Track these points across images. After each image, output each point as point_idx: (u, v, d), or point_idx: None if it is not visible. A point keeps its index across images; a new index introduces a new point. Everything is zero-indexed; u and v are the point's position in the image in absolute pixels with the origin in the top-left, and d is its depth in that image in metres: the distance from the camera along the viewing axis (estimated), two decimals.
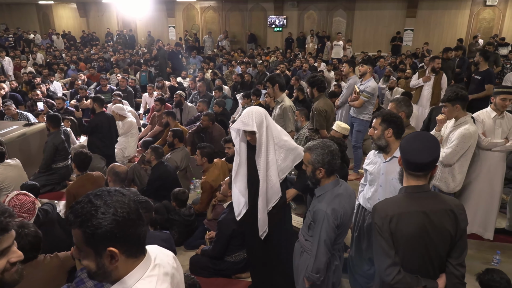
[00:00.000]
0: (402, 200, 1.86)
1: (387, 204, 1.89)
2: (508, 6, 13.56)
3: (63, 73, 10.58)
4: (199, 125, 5.75)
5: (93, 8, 19.09)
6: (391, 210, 1.82)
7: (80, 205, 1.11)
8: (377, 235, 1.85)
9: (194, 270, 3.39)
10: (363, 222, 2.74)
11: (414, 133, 1.95)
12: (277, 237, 2.81)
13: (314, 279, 2.29)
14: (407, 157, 1.83)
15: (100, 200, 1.11)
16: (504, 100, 3.58)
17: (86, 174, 3.85)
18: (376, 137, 2.55)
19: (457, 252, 1.84)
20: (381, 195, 2.58)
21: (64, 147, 5.17)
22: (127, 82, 8.51)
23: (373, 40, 15.18)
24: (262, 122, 2.53)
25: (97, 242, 1.10)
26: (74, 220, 1.10)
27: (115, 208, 1.11)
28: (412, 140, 1.85)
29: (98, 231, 1.08)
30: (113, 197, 1.13)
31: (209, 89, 8.62)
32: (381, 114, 2.56)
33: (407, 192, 1.86)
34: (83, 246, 1.12)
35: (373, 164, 2.66)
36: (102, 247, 1.10)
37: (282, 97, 4.26)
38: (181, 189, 3.98)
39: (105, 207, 1.10)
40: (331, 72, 9.77)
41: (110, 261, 1.12)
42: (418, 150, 1.80)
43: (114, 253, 1.11)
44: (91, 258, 1.12)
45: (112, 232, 1.09)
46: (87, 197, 1.13)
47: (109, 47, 15.40)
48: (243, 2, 16.73)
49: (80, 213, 1.10)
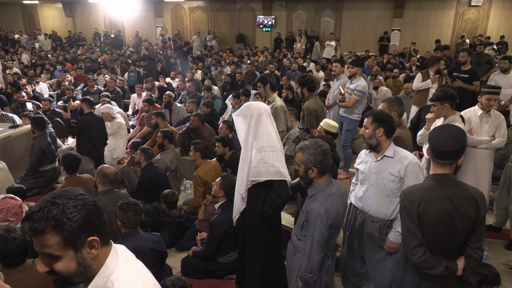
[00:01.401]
0: (429, 186, 2.01)
1: (416, 189, 2.03)
2: (492, 6, 13.83)
3: (49, 74, 10.40)
4: (189, 125, 5.71)
5: (79, 8, 18.83)
6: (419, 195, 1.97)
7: (43, 210, 1.07)
8: (406, 217, 1.99)
9: (185, 272, 3.36)
10: (355, 221, 2.75)
11: (442, 125, 2.11)
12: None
13: (308, 279, 2.29)
14: (435, 145, 1.98)
15: (63, 198, 1.10)
16: (489, 100, 3.65)
17: (75, 177, 3.79)
18: (367, 136, 2.57)
19: (477, 237, 1.98)
20: (372, 194, 2.59)
21: (51, 150, 5.07)
22: (115, 82, 8.41)
23: (361, 40, 15.31)
24: (252, 116, 2.63)
25: (76, 237, 1.09)
26: (45, 225, 1.05)
27: (83, 200, 1.12)
28: (440, 131, 2.01)
29: (76, 224, 1.08)
30: (74, 192, 1.14)
31: (199, 89, 8.58)
32: (372, 114, 2.58)
33: (434, 180, 2.00)
34: (60, 249, 1.08)
35: (365, 163, 2.67)
36: (81, 241, 1.10)
37: (274, 97, 4.26)
38: (170, 191, 3.95)
39: (73, 201, 1.10)
40: (320, 72, 9.83)
41: (89, 252, 1.13)
42: (445, 139, 1.96)
43: (95, 241, 1.12)
44: (69, 258, 1.10)
45: (90, 221, 1.11)
46: (47, 201, 1.09)
47: (96, 48, 15.20)
48: (232, 2, 16.71)
49: (50, 216, 1.06)
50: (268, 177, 2.61)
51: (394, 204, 2.53)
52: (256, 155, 2.63)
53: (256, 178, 2.63)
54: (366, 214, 2.65)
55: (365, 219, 2.66)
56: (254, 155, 2.64)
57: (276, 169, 2.62)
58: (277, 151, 2.65)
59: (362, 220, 2.68)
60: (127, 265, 1.22)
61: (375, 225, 2.61)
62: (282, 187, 2.69)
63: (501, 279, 2.72)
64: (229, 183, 3.32)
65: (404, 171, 2.45)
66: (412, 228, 1.98)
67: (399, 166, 2.47)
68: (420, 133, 3.70)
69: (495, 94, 3.67)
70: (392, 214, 2.56)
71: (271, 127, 2.69)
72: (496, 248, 3.77)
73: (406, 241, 2.02)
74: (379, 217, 2.59)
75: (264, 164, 2.61)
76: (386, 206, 2.55)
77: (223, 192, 3.35)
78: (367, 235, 2.66)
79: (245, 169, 2.63)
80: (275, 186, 2.64)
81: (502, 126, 3.67)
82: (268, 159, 2.61)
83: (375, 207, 2.59)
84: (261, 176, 2.62)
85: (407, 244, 2.01)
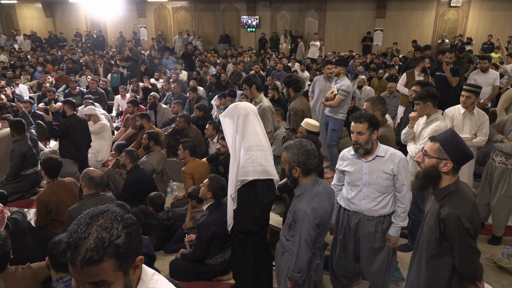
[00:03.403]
0: (466, 195, 1.97)
1: (461, 205, 1.92)
2: (471, 7, 14.20)
3: (29, 76, 10.15)
4: (175, 127, 5.67)
5: (60, 8, 18.43)
6: (469, 210, 1.91)
7: (94, 236, 0.98)
8: (469, 238, 1.89)
9: (174, 275, 3.33)
10: (348, 223, 2.72)
11: (452, 131, 2.07)
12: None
13: (296, 279, 2.30)
14: (468, 151, 1.96)
15: (108, 220, 1.02)
16: (462, 97, 3.75)
17: (57, 181, 3.71)
18: (363, 141, 2.53)
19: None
20: (365, 194, 2.60)
21: (32, 153, 4.94)
22: (97, 84, 8.27)
23: (345, 40, 15.49)
24: (239, 117, 2.63)
25: (128, 261, 1.02)
26: (103, 253, 0.97)
27: (128, 219, 1.05)
28: (459, 136, 2.00)
29: (131, 246, 1.01)
30: (115, 212, 1.06)
31: (184, 90, 8.52)
32: (366, 119, 2.52)
33: (463, 188, 1.98)
34: (112, 276, 1.00)
35: (352, 165, 2.64)
36: (131, 262, 1.04)
37: (260, 98, 4.26)
38: (157, 193, 3.91)
39: (122, 223, 1.02)
40: (305, 72, 9.89)
41: (133, 273, 1.07)
42: (467, 146, 1.97)
43: (140, 260, 1.07)
44: (118, 282, 1.03)
45: (139, 241, 1.05)
46: (91, 225, 0.99)
47: (77, 49, 14.92)
48: (216, 3, 16.65)
49: (106, 242, 0.97)
50: (255, 176, 2.61)
51: (387, 199, 2.59)
52: (244, 155, 2.63)
53: (244, 178, 2.63)
54: (360, 215, 2.65)
55: (360, 220, 2.66)
56: (243, 155, 2.64)
57: (264, 168, 2.62)
58: (264, 150, 2.66)
59: (357, 221, 2.67)
60: (157, 282, 1.17)
61: (371, 224, 2.63)
62: (267, 187, 2.69)
63: (484, 273, 2.79)
64: (217, 184, 3.31)
65: (397, 168, 2.51)
66: (474, 246, 1.92)
67: (391, 164, 2.52)
68: (404, 132, 3.76)
69: (471, 92, 3.74)
70: (386, 210, 2.61)
71: (258, 126, 2.69)
72: (479, 243, 3.85)
73: (471, 261, 1.93)
74: (374, 215, 2.62)
75: (252, 164, 2.61)
76: (381, 204, 2.60)
77: (211, 194, 3.33)
78: (364, 234, 2.66)
79: (234, 169, 2.63)
80: (258, 187, 2.64)
81: (484, 125, 3.75)
82: (255, 158, 2.62)
83: (370, 207, 2.60)
84: (248, 175, 2.62)
85: (473, 263, 1.94)
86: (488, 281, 2.90)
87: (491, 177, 3.87)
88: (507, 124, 3.77)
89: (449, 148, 1.94)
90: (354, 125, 2.56)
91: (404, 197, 2.57)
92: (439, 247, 2.01)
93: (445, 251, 2.00)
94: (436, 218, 1.98)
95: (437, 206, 2.01)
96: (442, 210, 1.95)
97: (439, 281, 2.06)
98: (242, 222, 2.73)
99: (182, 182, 4.50)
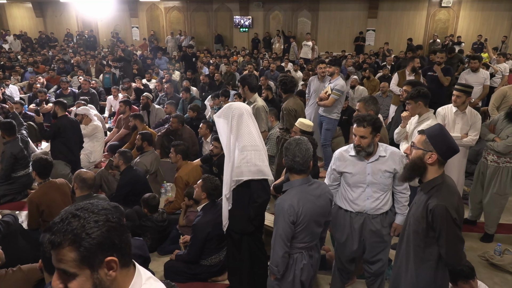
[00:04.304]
0: (452, 187, 2.06)
1: (447, 196, 2.01)
2: (461, 7, 14.36)
3: (19, 76, 10.03)
4: (168, 127, 5.64)
5: (50, 8, 18.23)
6: (456, 201, 2.01)
7: (64, 222, 1.00)
8: (455, 228, 1.99)
9: (168, 276, 3.31)
10: (351, 225, 2.71)
11: (440, 125, 2.14)
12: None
13: (274, 272, 2.32)
14: (454, 146, 2.03)
15: (85, 211, 1.02)
16: (453, 96, 3.79)
17: (49, 182, 3.67)
18: (366, 145, 2.53)
19: None
20: (369, 194, 2.62)
21: (23, 155, 4.88)
22: (89, 84, 8.20)
23: (337, 40, 15.55)
24: (234, 117, 2.62)
25: (94, 256, 1.00)
26: (62, 239, 0.98)
27: (106, 215, 1.04)
28: (446, 131, 2.06)
29: (95, 241, 0.99)
30: (98, 206, 1.05)
31: (177, 90, 8.48)
32: (370, 123, 2.51)
33: (448, 181, 2.07)
34: (75, 266, 0.99)
35: (353, 165, 2.63)
36: (99, 260, 1.01)
37: (255, 98, 4.26)
38: (151, 195, 3.89)
39: (96, 216, 1.02)
40: (298, 71, 9.91)
41: (106, 273, 1.03)
42: (452, 139, 2.05)
43: (114, 262, 1.03)
44: (84, 277, 1.01)
45: (110, 239, 1.02)
46: (68, 213, 1.02)
47: (69, 49, 14.78)
48: (208, 3, 16.61)
49: (69, 229, 0.98)
50: (250, 176, 2.61)
51: (388, 196, 2.67)
52: (238, 155, 2.63)
53: (239, 178, 2.62)
54: (364, 215, 2.66)
55: (365, 220, 2.67)
56: (237, 155, 2.63)
57: (258, 168, 2.62)
58: (259, 150, 2.66)
59: (361, 222, 2.68)
60: (154, 281, 1.16)
61: (376, 221, 2.67)
62: (262, 187, 2.68)
63: (477, 270, 2.83)
64: (211, 184, 3.30)
65: (399, 165, 2.58)
66: (460, 234, 2.02)
67: (392, 163, 2.58)
68: (396, 131, 3.79)
69: (462, 92, 3.77)
70: (388, 206, 2.68)
71: (252, 126, 2.69)
72: (471, 242, 3.91)
73: (456, 250, 2.02)
74: (377, 213, 2.66)
75: (246, 164, 2.60)
76: (384, 201, 2.65)
77: (205, 194, 3.32)
78: (370, 232, 2.68)
79: (229, 170, 2.62)
80: (252, 187, 2.64)
81: (476, 125, 3.79)
82: (250, 158, 2.61)
83: (374, 206, 2.63)
84: (243, 175, 2.61)
85: (459, 252, 2.04)
86: (480, 278, 2.93)
87: (483, 176, 3.91)
88: (498, 123, 3.81)
89: (434, 141, 2.02)
90: (357, 128, 2.53)
91: (406, 189, 2.70)
92: (425, 238, 2.10)
93: (431, 241, 2.09)
94: (424, 209, 2.06)
95: (424, 198, 2.09)
96: (430, 202, 2.03)
97: (426, 271, 2.15)
98: (237, 222, 2.73)
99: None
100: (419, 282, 2.17)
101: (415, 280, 2.18)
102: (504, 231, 4.12)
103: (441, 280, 2.16)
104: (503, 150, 3.64)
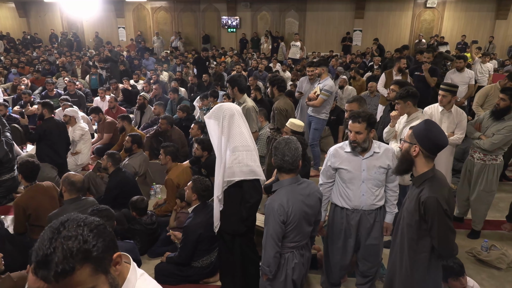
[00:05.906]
0: (443, 182, 2.12)
1: (437, 189, 2.07)
2: (446, 8, 14.62)
3: (2, 78, 9.82)
4: (157, 128, 5.58)
5: (34, 8, 17.87)
6: (446, 193, 2.07)
7: (60, 248, 0.96)
8: (447, 219, 2.05)
9: (159, 278, 3.27)
10: (348, 223, 2.74)
11: (427, 120, 2.20)
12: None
13: (266, 272, 2.33)
14: (439, 142, 2.08)
15: (72, 229, 1.00)
16: (439, 96, 3.85)
17: (35, 185, 3.61)
18: (361, 140, 2.58)
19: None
20: (364, 190, 2.66)
21: (8, 158, 4.77)
22: (75, 85, 8.06)
23: (325, 40, 15.64)
24: (225, 118, 2.62)
25: (104, 259, 1.03)
26: (74, 262, 0.95)
27: (91, 221, 1.05)
28: (432, 126, 2.11)
29: (101, 248, 1.01)
30: (76, 218, 1.05)
31: (165, 91, 8.41)
32: (365, 119, 2.56)
33: (437, 174, 2.13)
34: (92, 281, 1.00)
35: (349, 162, 2.67)
36: (108, 261, 1.05)
37: (244, 98, 4.25)
38: (139, 197, 3.84)
39: (86, 226, 1.02)
40: (287, 72, 9.93)
41: (115, 270, 1.08)
42: (440, 133, 2.09)
43: (119, 257, 1.09)
44: (102, 283, 1.03)
45: (109, 238, 1.06)
46: (55, 239, 0.97)
47: (54, 49, 14.52)
48: (196, 3, 16.51)
49: (74, 251, 0.96)
50: (242, 176, 2.60)
51: (382, 191, 2.72)
52: (230, 156, 2.62)
53: (231, 179, 2.62)
54: (360, 211, 2.70)
55: (361, 216, 2.71)
56: (229, 156, 2.62)
57: (250, 169, 2.61)
58: (250, 150, 2.66)
59: (358, 219, 2.71)
60: (145, 282, 1.20)
61: (371, 217, 2.72)
62: (254, 187, 2.68)
63: (465, 266, 2.87)
64: (201, 185, 3.28)
65: (392, 162, 2.63)
66: (451, 225, 2.07)
67: (386, 159, 2.64)
68: (386, 130, 3.83)
69: (447, 91, 3.82)
70: (382, 201, 2.73)
71: (243, 127, 2.69)
72: (459, 238, 3.97)
73: (448, 241, 2.08)
74: (372, 209, 2.71)
75: (238, 164, 2.60)
76: (379, 197, 2.70)
77: (196, 195, 3.30)
78: (365, 229, 2.73)
79: (220, 170, 2.61)
80: (245, 188, 2.63)
81: (462, 124, 3.84)
82: (242, 158, 2.61)
83: (369, 201, 2.68)
84: (235, 176, 2.61)
85: (451, 243, 2.09)
86: (468, 274, 2.97)
87: (470, 173, 3.98)
88: (483, 122, 3.89)
89: (418, 134, 2.12)
90: (352, 124, 2.60)
91: (396, 186, 2.76)
92: (418, 230, 2.17)
93: (424, 234, 2.16)
94: (416, 202, 2.14)
95: (416, 192, 2.16)
96: (422, 194, 2.10)
97: (420, 263, 2.21)
98: (229, 223, 2.72)
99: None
100: (413, 274, 2.22)
101: (409, 272, 2.23)
102: (490, 227, 4.20)
103: (434, 272, 2.21)
104: (489, 147, 3.71)
